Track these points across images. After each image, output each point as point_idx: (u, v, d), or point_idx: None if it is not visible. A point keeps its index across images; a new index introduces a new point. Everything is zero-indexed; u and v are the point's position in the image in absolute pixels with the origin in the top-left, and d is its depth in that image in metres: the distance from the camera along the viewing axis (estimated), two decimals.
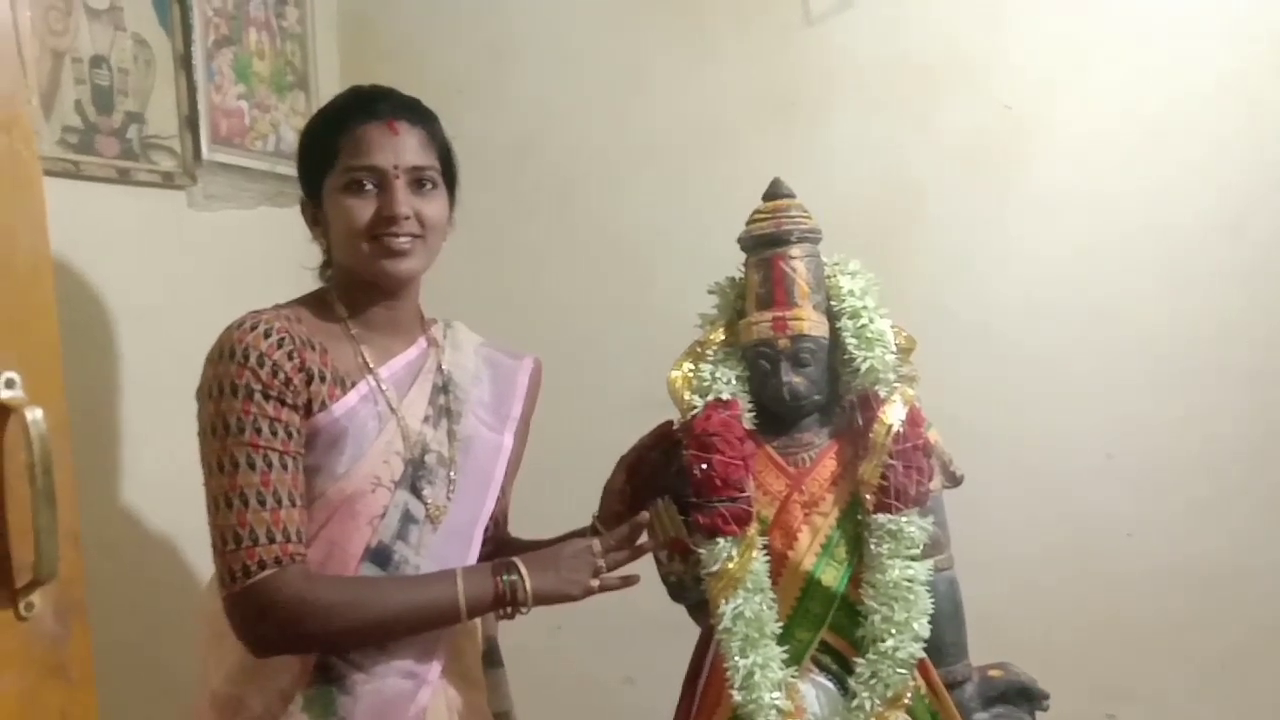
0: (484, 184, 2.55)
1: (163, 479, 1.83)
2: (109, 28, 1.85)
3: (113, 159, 1.85)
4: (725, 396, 1.66)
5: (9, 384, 0.92)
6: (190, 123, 2.04)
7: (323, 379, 1.40)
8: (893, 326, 1.69)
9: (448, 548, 1.49)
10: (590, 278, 2.54)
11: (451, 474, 1.52)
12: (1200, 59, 2.20)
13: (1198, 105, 2.20)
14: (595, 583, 1.50)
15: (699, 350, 1.72)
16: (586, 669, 2.54)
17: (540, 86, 2.56)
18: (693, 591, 1.70)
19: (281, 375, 1.35)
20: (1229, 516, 2.23)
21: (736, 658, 1.57)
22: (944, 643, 1.66)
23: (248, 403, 1.33)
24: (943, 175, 2.33)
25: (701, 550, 1.62)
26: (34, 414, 0.91)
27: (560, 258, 2.56)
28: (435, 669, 1.47)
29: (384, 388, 1.48)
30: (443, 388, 1.56)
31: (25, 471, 0.91)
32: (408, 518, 1.45)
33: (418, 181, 1.47)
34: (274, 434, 1.34)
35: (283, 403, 1.35)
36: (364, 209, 1.43)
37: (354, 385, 1.44)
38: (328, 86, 2.43)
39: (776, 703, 1.56)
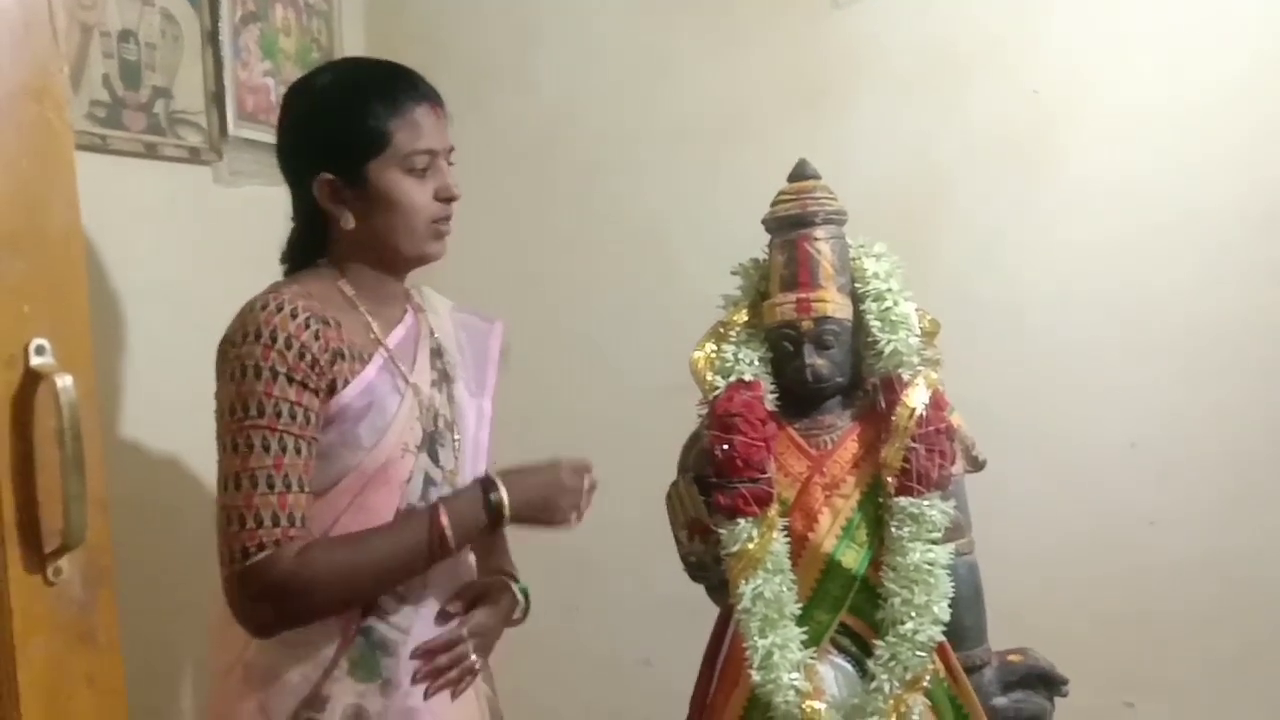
0: (510, 167, 2.56)
1: (188, 449, 1.85)
2: (137, 3, 1.85)
3: (140, 134, 1.86)
4: (748, 377, 1.67)
5: (39, 351, 0.92)
6: (217, 98, 2.05)
7: (343, 356, 1.41)
8: (917, 310, 1.69)
9: None
10: (615, 262, 2.53)
11: (456, 436, 1.54)
12: (1233, 47, 2.16)
13: (1231, 94, 2.16)
14: (575, 516, 1.49)
15: (722, 331, 1.73)
16: (603, 650, 2.55)
17: (567, 71, 2.55)
18: (712, 572, 1.70)
19: (308, 357, 1.36)
20: (1253, 510, 2.20)
21: (755, 638, 1.58)
22: (963, 627, 1.66)
23: (270, 385, 1.34)
24: (972, 162, 2.30)
25: (722, 531, 1.62)
26: (64, 381, 0.91)
27: (585, 241, 2.55)
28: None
29: (395, 358, 1.49)
30: (437, 352, 1.57)
31: (55, 438, 0.91)
32: (428, 480, 1.47)
33: (448, 159, 1.51)
34: (293, 418, 1.34)
35: (305, 386, 1.36)
36: (425, 191, 1.45)
37: (371, 358, 1.45)
38: None
39: (795, 683, 1.57)
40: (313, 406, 1.37)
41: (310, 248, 1.53)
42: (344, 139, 1.44)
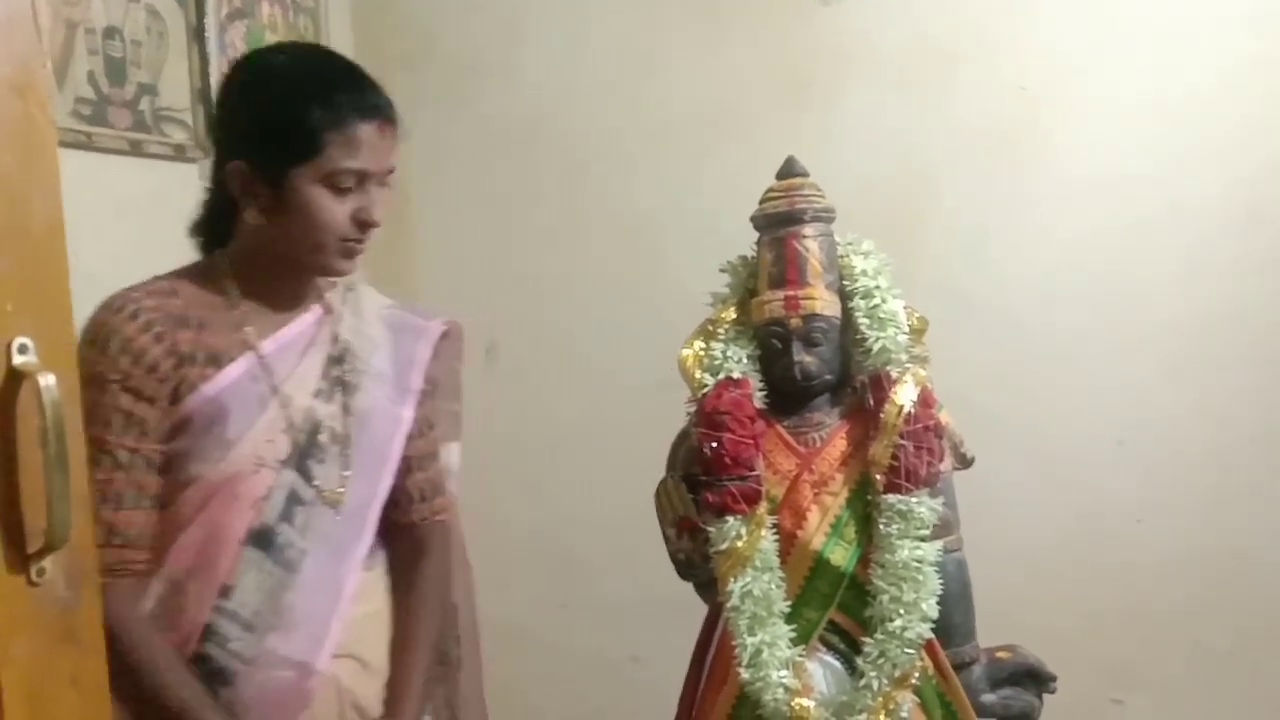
0: (495, 163, 2.55)
1: None
2: (122, 0, 1.85)
3: (125, 131, 1.85)
4: (736, 375, 1.66)
5: (22, 349, 0.91)
6: (202, 95, 2.04)
7: (194, 360, 1.32)
8: (905, 307, 1.69)
9: (339, 530, 1.40)
10: (602, 258, 2.53)
11: (347, 451, 1.41)
12: (1220, 44, 2.17)
13: (1217, 90, 2.18)
14: None
15: (710, 329, 1.72)
16: (592, 647, 2.54)
17: (553, 65, 2.54)
18: (701, 569, 1.70)
19: (145, 362, 1.28)
20: (1240, 505, 2.21)
21: (744, 636, 1.58)
22: (952, 624, 1.66)
23: (101, 393, 1.26)
24: (959, 158, 2.31)
25: (710, 528, 1.62)
26: (47, 380, 0.90)
27: (571, 238, 2.55)
28: (324, 657, 1.37)
29: (268, 363, 1.37)
30: (338, 358, 1.43)
31: (38, 437, 0.90)
32: (294, 499, 1.36)
33: (382, 182, 1.38)
34: (125, 429, 1.27)
35: (139, 395, 1.28)
36: (342, 210, 1.33)
37: (232, 361, 1.34)
38: None
39: (784, 681, 1.56)
40: (149, 418, 1.29)
41: (218, 229, 1.42)
42: (272, 135, 1.32)
